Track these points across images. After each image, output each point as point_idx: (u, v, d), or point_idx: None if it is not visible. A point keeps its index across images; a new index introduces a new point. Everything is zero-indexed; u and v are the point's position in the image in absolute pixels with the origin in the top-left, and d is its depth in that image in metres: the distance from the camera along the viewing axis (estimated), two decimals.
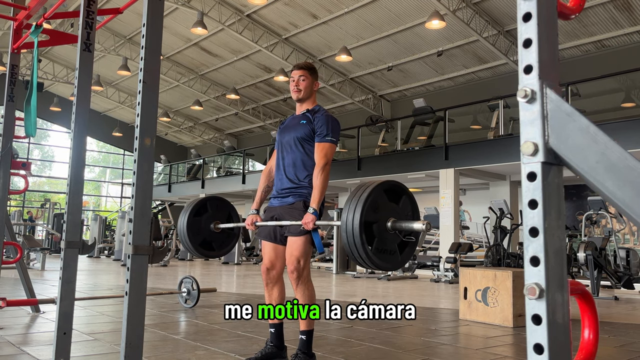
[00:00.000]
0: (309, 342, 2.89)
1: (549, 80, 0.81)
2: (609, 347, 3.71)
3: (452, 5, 12.14)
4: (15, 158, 3.83)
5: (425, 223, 2.29)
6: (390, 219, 2.37)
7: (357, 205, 2.29)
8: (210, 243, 3.28)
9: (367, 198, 2.29)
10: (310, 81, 2.98)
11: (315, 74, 3.03)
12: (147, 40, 2.03)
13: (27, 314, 4.63)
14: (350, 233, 2.27)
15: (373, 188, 2.34)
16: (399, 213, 2.42)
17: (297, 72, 2.98)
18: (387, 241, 2.37)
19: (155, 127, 2.06)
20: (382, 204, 2.36)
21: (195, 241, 3.19)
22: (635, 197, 0.71)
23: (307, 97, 3.00)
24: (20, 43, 3.64)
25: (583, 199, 12.50)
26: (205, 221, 3.23)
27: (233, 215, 3.36)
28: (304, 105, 3.02)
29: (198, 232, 3.21)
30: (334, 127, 2.92)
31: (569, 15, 0.91)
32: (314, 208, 2.74)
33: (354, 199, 2.33)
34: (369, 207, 2.29)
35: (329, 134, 2.88)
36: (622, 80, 11.27)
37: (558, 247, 0.79)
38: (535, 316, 0.76)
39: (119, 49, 17.86)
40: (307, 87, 2.97)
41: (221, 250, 3.35)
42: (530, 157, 0.80)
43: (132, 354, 1.91)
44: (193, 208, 3.19)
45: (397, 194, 2.46)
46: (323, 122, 2.90)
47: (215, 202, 3.31)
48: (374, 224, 2.33)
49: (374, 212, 2.33)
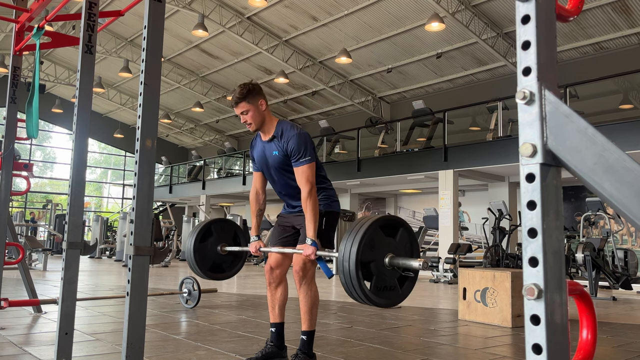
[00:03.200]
0: (309, 342, 2.90)
1: (548, 82, 0.81)
2: (607, 347, 3.71)
3: (451, 8, 12.16)
4: (18, 159, 3.83)
5: (422, 261, 2.25)
6: (388, 255, 2.32)
7: (352, 245, 2.23)
8: (219, 265, 3.25)
9: (363, 236, 2.23)
10: (254, 109, 2.81)
11: (255, 95, 2.82)
12: (148, 43, 2.04)
13: (29, 314, 4.63)
14: (347, 273, 2.23)
15: (368, 226, 2.27)
16: (397, 247, 2.37)
17: (237, 109, 2.83)
18: (386, 278, 2.32)
19: (156, 129, 2.07)
20: (378, 240, 2.30)
21: (204, 267, 3.16)
22: (633, 198, 0.71)
23: (262, 123, 2.86)
24: (22, 45, 3.66)
25: (581, 200, 12.50)
26: (211, 245, 3.19)
27: (239, 234, 3.33)
28: (266, 130, 2.89)
29: (206, 257, 3.17)
30: (305, 144, 2.79)
31: (567, 17, 0.91)
32: (311, 239, 2.69)
33: (349, 237, 2.27)
34: (365, 246, 2.23)
35: (302, 154, 2.77)
36: (620, 82, 11.28)
37: (556, 247, 0.79)
38: (533, 316, 0.76)
39: (120, 51, 17.87)
40: (255, 116, 2.82)
41: (231, 270, 3.31)
42: (528, 159, 0.80)
43: (133, 354, 1.92)
44: (198, 234, 3.15)
45: (394, 228, 2.40)
46: (293, 145, 2.78)
47: (220, 224, 3.26)
48: (371, 263, 2.28)
49: (371, 250, 2.27)
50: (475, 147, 11.33)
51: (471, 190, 15.22)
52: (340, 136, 15.82)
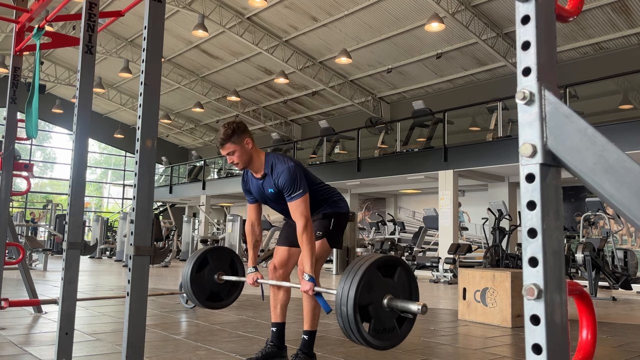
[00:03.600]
0: (310, 342, 2.90)
1: (547, 82, 0.82)
2: (607, 347, 3.72)
3: (451, 8, 12.16)
4: (18, 159, 3.83)
5: (421, 305, 2.19)
6: (387, 297, 2.28)
7: (350, 288, 2.20)
8: (217, 294, 3.23)
9: (360, 280, 2.20)
10: (240, 149, 2.78)
11: (240, 135, 2.77)
12: (149, 43, 2.05)
13: (30, 314, 4.63)
14: (345, 317, 2.20)
15: (366, 268, 2.23)
16: (395, 287, 2.33)
17: (222, 151, 2.81)
18: (384, 320, 2.29)
19: (156, 129, 2.08)
20: (376, 282, 2.27)
21: (201, 297, 3.14)
22: (632, 198, 0.71)
23: (250, 161, 2.84)
24: (23, 45, 3.66)
25: (581, 200, 12.50)
26: (208, 274, 3.17)
27: (236, 261, 3.32)
28: (255, 167, 2.87)
29: (203, 287, 3.16)
30: (295, 178, 2.76)
31: (567, 17, 0.91)
32: (308, 274, 2.67)
33: (346, 279, 2.23)
34: (362, 289, 2.20)
35: (294, 189, 2.75)
36: (620, 83, 11.28)
37: (556, 248, 0.79)
38: (533, 316, 0.76)
39: (121, 52, 17.88)
40: (242, 155, 2.79)
41: (229, 298, 3.30)
42: (528, 159, 0.80)
43: (134, 354, 1.92)
44: (194, 264, 3.13)
45: (392, 267, 2.37)
46: (284, 181, 2.76)
47: (216, 252, 3.25)
48: (369, 305, 2.25)
49: (369, 292, 2.23)
50: (475, 148, 11.33)
51: (471, 190, 15.23)
52: (340, 136, 15.83)
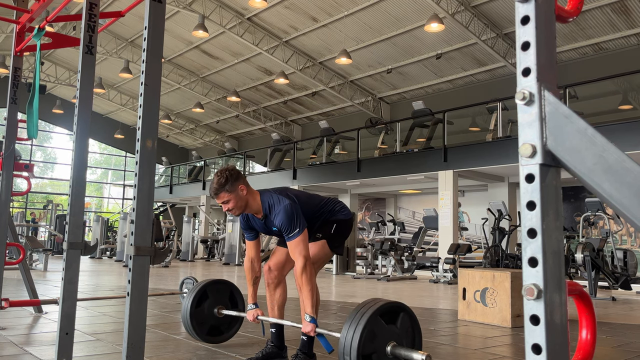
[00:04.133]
0: (310, 342, 2.91)
1: (547, 82, 0.82)
2: (607, 347, 3.72)
3: (451, 9, 12.16)
4: (18, 160, 3.84)
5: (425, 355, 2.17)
6: (390, 344, 2.26)
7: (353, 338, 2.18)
8: (217, 328, 3.22)
9: (363, 330, 2.18)
10: (234, 196, 2.77)
11: (233, 183, 2.77)
12: (149, 43, 2.05)
13: (30, 314, 4.64)
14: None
15: (369, 317, 2.21)
16: (399, 334, 2.31)
17: (217, 200, 2.82)
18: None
19: (156, 129, 2.08)
20: (379, 330, 2.25)
21: (201, 332, 3.14)
22: (632, 199, 0.71)
23: (246, 206, 2.84)
24: (23, 46, 3.66)
25: (581, 201, 12.50)
26: (208, 308, 3.16)
27: (235, 294, 3.30)
28: (253, 210, 2.87)
29: (203, 322, 3.14)
30: (291, 217, 2.75)
31: (567, 18, 0.91)
32: (310, 315, 2.68)
33: (349, 329, 2.21)
34: (366, 339, 2.18)
35: (291, 229, 2.74)
36: (620, 83, 11.29)
37: (556, 248, 0.79)
38: (533, 317, 0.76)
39: (121, 52, 17.88)
40: (237, 202, 2.79)
41: (230, 331, 3.29)
42: (528, 159, 0.80)
43: (134, 354, 1.93)
44: (194, 299, 3.10)
45: (395, 313, 2.35)
46: (281, 221, 2.76)
47: (215, 286, 3.23)
48: (372, 355, 2.23)
49: (372, 342, 2.22)
50: (474, 148, 11.33)
51: (471, 190, 15.23)
52: (340, 137, 15.83)
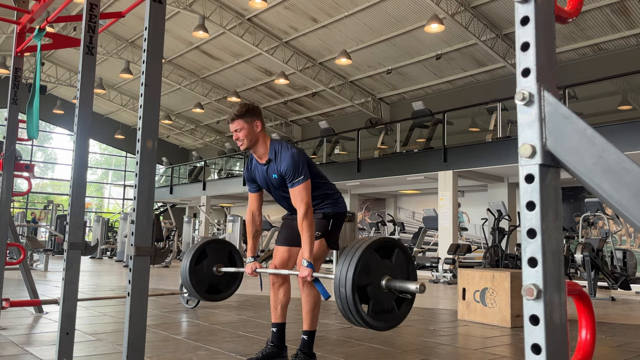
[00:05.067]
0: (310, 342, 2.91)
1: (547, 83, 0.82)
2: (606, 347, 3.72)
3: (450, 9, 12.17)
4: (19, 160, 3.84)
5: (420, 284, 2.22)
6: (385, 278, 2.30)
7: (348, 270, 2.22)
8: (216, 286, 3.24)
9: (358, 261, 2.22)
10: (248, 128, 2.83)
11: (251, 116, 2.85)
12: (149, 44, 2.05)
13: (30, 314, 4.64)
14: (344, 299, 2.22)
15: (363, 250, 2.25)
16: (393, 269, 2.35)
17: (232, 126, 2.86)
18: (383, 301, 2.31)
19: (157, 130, 2.08)
20: (374, 264, 2.29)
21: (201, 289, 3.15)
22: (631, 199, 0.71)
23: (255, 143, 2.88)
24: (24, 46, 3.66)
25: (580, 201, 12.51)
26: (207, 266, 3.18)
27: (234, 253, 3.32)
28: (259, 151, 2.90)
29: (202, 279, 3.17)
30: (297, 164, 2.79)
31: (566, 18, 0.91)
32: (307, 260, 2.69)
33: (344, 261, 2.25)
34: (360, 271, 2.22)
35: (295, 175, 2.77)
36: (619, 83, 11.30)
37: (555, 248, 0.79)
38: (533, 317, 0.76)
39: (121, 52, 17.88)
40: (248, 135, 2.84)
41: (229, 290, 3.30)
42: (528, 159, 0.80)
43: (134, 354, 1.93)
44: (193, 256, 3.14)
45: (389, 249, 2.39)
46: (286, 167, 2.79)
47: (214, 245, 3.26)
48: (367, 286, 2.27)
49: (367, 274, 2.26)
50: (474, 148, 11.34)
51: (470, 190, 15.23)
52: (340, 137, 15.83)
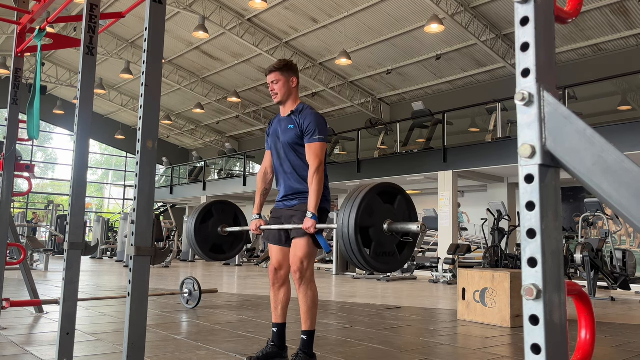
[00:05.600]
0: (310, 342, 2.91)
1: (546, 83, 0.82)
2: (606, 348, 3.72)
3: (450, 10, 12.17)
4: (19, 160, 3.84)
5: (420, 224, 2.29)
6: (387, 221, 2.35)
7: (351, 211, 2.27)
8: (220, 246, 3.29)
9: (361, 203, 2.27)
10: (284, 81, 2.92)
11: (289, 71, 2.93)
12: (149, 44, 2.05)
13: (31, 314, 4.64)
14: (347, 239, 2.26)
15: (366, 192, 2.31)
16: (395, 214, 2.40)
17: (269, 77, 2.93)
18: (385, 244, 2.36)
19: (157, 130, 2.08)
20: (377, 207, 2.35)
21: (204, 247, 3.20)
22: (631, 199, 0.71)
23: (287, 98, 2.95)
24: (24, 47, 3.66)
25: (580, 201, 12.51)
26: (212, 226, 3.22)
27: (239, 216, 3.37)
28: (287, 106, 2.98)
29: (206, 238, 3.21)
30: (320, 124, 2.86)
31: (566, 19, 0.91)
32: (312, 212, 2.72)
33: (348, 204, 2.31)
34: (363, 212, 2.27)
35: (316, 132, 2.83)
36: (619, 84, 11.30)
37: (555, 248, 0.79)
38: (532, 317, 0.76)
39: (122, 53, 17.88)
40: (283, 88, 2.92)
41: (231, 251, 3.36)
42: (527, 160, 0.80)
43: (135, 354, 1.93)
44: (199, 215, 3.18)
45: (392, 195, 2.44)
46: (310, 122, 2.85)
47: (220, 206, 3.30)
48: (370, 228, 2.32)
49: (369, 216, 2.31)
50: (474, 148, 11.34)
51: (470, 191, 15.23)
52: (340, 137, 15.84)
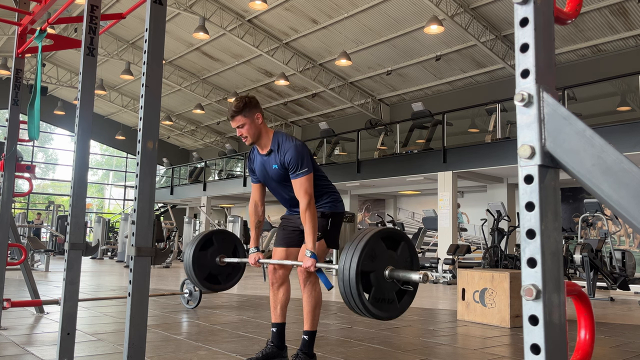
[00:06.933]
0: (310, 342, 2.91)
1: (546, 84, 0.82)
2: (605, 348, 3.73)
3: (450, 11, 12.18)
4: (20, 161, 3.85)
5: (422, 275, 2.24)
6: (388, 268, 2.32)
7: (354, 254, 2.24)
8: (215, 277, 3.25)
9: (364, 247, 2.24)
10: (249, 122, 2.80)
11: (250, 109, 2.81)
12: (150, 45, 2.06)
13: (32, 314, 4.64)
14: (347, 282, 2.23)
15: (370, 236, 2.28)
16: (397, 260, 2.37)
17: (233, 123, 2.82)
18: (385, 290, 2.32)
19: (157, 131, 2.09)
20: (379, 252, 2.32)
21: (201, 275, 3.17)
22: (630, 200, 0.71)
23: (259, 136, 2.87)
24: (25, 48, 3.67)
25: (579, 202, 12.52)
26: (210, 255, 3.20)
27: (239, 247, 3.34)
28: (263, 143, 2.89)
29: (204, 266, 3.18)
30: (301, 156, 2.78)
31: (566, 20, 0.91)
32: (310, 251, 2.68)
33: (351, 246, 2.27)
34: (365, 257, 2.24)
35: (299, 167, 2.77)
36: (618, 85, 11.31)
37: (554, 248, 0.79)
38: (532, 317, 0.77)
39: (122, 54, 17.88)
40: (251, 129, 2.82)
41: (227, 283, 3.32)
42: (527, 160, 0.80)
43: (135, 354, 1.93)
44: (199, 242, 3.15)
45: (395, 241, 2.41)
46: (290, 157, 2.78)
47: (221, 235, 3.27)
48: (371, 273, 2.29)
49: (372, 261, 2.28)
50: (474, 149, 11.35)
51: (470, 191, 15.23)
52: (340, 138, 15.84)
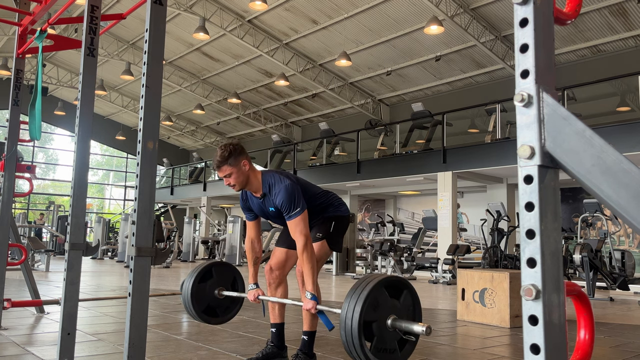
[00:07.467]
0: (310, 342, 2.91)
1: (546, 84, 0.82)
2: (605, 348, 3.73)
3: (450, 11, 12.18)
4: (20, 161, 3.85)
5: (425, 327, 2.20)
6: (391, 317, 2.30)
7: (356, 303, 2.21)
8: (214, 309, 3.24)
9: (367, 296, 2.22)
10: (236, 171, 2.77)
11: (236, 157, 2.76)
12: (150, 46, 2.06)
13: (32, 314, 4.64)
14: (349, 331, 2.20)
15: (374, 285, 2.25)
16: (400, 309, 2.35)
17: (220, 173, 2.80)
18: (386, 340, 2.30)
19: (157, 131, 2.09)
20: (382, 300, 2.29)
21: (198, 308, 3.16)
22: (630, 200, 0.71)
23: (247, 182, 2.84)
24: (25, 48, 3.68)
25: (579, 202, 12.53)
26: (209, 287, 3.19)
27: (238, 280, 3.34)
28: (254, 187, 2.87)
29: (202, 299, 3.17)
30: (292, 197, 2.75)
31: (565, 20, 0.91)
32: (310, 293, 2.66)
33: (354, 294, 2.25)
34: (368, 307, 2.22)
35: (292, 208, 2.74)
36: (618, 85, 11.31)
37: (554, 248, 0.79)
38: (531, 317, 0.77)
39: (122, 54, 17.88)
40: (239, 177, 2.79)
41: (225, 316, 3.31)
42: (527, 160, 0.80)
43: (135, 354, 1.94)
44: (198, 274, 3.14)
45: (398, 289, 2.39)
46: (282, 200, 2.75)
47: (221, 268, 3.26)
48: (373, 322, 2.27)
49: (374, 310, 2.26)
50: (473, 149, 11.35)
51: (470, 191, 15.24)
52: (340, 138, 15.85)
